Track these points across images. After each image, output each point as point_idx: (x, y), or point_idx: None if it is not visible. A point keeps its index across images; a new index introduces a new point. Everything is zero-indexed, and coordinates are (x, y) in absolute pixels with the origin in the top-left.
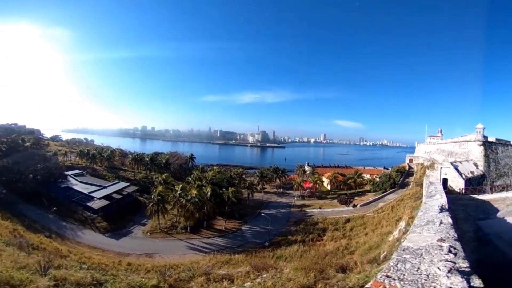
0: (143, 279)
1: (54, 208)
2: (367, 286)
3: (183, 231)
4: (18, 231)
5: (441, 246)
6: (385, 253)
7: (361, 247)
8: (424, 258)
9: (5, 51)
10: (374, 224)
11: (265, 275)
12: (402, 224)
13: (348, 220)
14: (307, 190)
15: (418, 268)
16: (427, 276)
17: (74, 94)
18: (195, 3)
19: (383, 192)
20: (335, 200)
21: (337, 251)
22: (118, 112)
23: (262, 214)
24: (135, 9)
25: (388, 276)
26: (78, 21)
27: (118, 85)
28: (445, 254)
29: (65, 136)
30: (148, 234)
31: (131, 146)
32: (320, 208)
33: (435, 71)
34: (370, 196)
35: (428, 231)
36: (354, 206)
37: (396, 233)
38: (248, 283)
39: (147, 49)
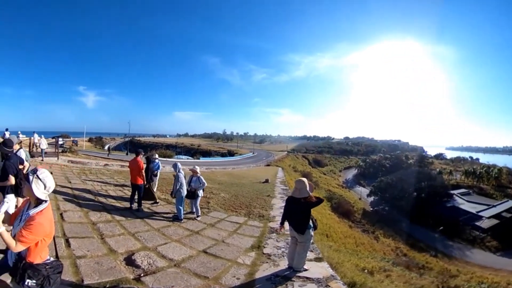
0: None
1: (441, 228)
2: None
3: None
4: (401, 249)
5: None
6: None
7: None
8: None
9: (391, 67)
10: None
11: None
12: None
13: None
14: None
15: None
16: None
17: (456, 113)
18: None
19: None
20: None
21: None
22: (503, 130)
23: None
24: None
25: None
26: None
27: (499, 104)
28: None
29: (449, 154)
30: None
31: None
32: None
33: None
34: None
35: None
36: None
37: None
38: None
39: None
